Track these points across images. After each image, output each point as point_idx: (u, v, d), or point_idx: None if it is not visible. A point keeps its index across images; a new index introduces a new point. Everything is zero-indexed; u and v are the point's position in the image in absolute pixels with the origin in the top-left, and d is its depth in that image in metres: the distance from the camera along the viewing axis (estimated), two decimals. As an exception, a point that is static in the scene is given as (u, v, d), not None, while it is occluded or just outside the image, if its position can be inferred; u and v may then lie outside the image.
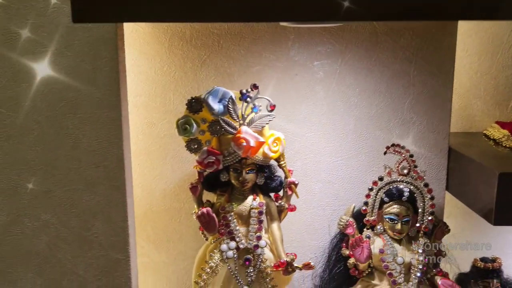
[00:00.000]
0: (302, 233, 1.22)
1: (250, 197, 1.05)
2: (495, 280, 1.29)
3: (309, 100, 1.17)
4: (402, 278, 1.05)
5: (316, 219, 1.22)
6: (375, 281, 1.09)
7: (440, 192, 1.19)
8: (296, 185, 1.07)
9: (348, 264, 1.10)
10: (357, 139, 1.18)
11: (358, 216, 1.12)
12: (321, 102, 1.17)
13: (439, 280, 1.07)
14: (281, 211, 1.08)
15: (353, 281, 1.12)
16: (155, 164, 1.20)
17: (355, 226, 1.10)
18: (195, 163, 1.05)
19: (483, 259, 1.27)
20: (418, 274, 1.05)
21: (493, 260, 1.26)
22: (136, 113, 1.16)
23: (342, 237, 1.14)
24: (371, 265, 1.09)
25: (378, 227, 1.09)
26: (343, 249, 1.12)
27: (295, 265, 1.02)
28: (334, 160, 1.19)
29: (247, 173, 1.02)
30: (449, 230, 1.12)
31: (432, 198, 1.07)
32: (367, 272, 1.10)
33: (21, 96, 0.97)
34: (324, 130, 1.18)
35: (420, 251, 1.06)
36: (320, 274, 1.18)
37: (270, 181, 1.05)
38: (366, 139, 1.18)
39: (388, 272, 1.05)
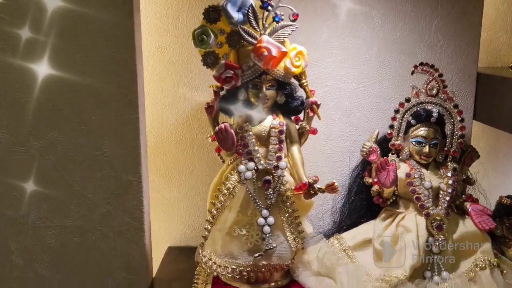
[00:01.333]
0: (321, 166, 1.16)
1: (270, 117, 0.98)
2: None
3: (330, 22, 1.10)
4: (431, 203, 0.99)
5: (336, 151, 1.16)
6: (400, 209, 1.03)
7: (468, 121, 1.13)
8: (318, 105, 1.01)
9: (371, 191, 1.04)
10: (381, 65, 1.12)
11: (382, 143, 1.06)
12: (342, 25, 1.10)
13: (469, 206, 1.01)
14: (302, 134, 1.02)
15: (376, 212, 1.06)
16: (167, 92, 1.14)
17: (379, 152, 1.04)
18: (210, 87, 0.99)
19: (509, 196, 1.21)
20: (447, 198, 0.99)
21: (520, 197, 1.20)
22: (146, 37, 1.09)
23: (363, 167, 1.09)
24: (396, 193, 1.03)
25: (404, 152, 1.03)
26: (365, 177, 1.06)
27: (318, 186, 0.96)
28: (355, 87, 1.13)
29: (268, 89, 0.96)
30: (478, 156, 1.07)
31: (462, 121, 1.01)
32: (391, 201, 1.04)
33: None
34: (345, 54, 1.12)
35: (449, 175, 1.00)
36: (340, 208, 1.12)
37: (291, 100, 0.99)
38: (390, 64, 1.12)
39: (415, 196, 0.99)
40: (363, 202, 1.09)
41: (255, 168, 0.96)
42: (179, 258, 1.15)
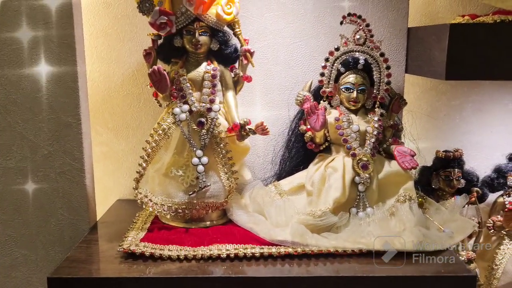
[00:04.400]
0: (261, 118, 1.20)
1: (204, 63, 1.04)
2: (456, 170, 1.29)
3: (267, -23, 1.16)
4: (357, 144, 1.04)
5: (275, 103, 1.21)
6: (333, 155, 1.08)
7: (400, 75, 1.19)
8: (251, 53, 1.06)
9: (305, 138, 1.09)
10: (316, 20, 1.17)
11: (316, 93, 1.11)
12: (279, -20, 1.16)
13: (394, 148, 1.06)
14: (237, 82, 1.07)
15: (312, 158, 1.11)
16: (112, 47, 1.19)
17: (312, 100, 1.09)
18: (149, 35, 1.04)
19: (445, 151, 1.27)
20: (373, 140, 1.04)
21: (455, 151, 1.27)
22: (91, -8, 1.14)
23: (300, 118, 1.14)
24: (328, 138, 1.09)
25: (335, 99, 1.09)
26: (301, 126, 1.11)
27: (249, 127, 1.01)
28: (293, 42, 1.18)
29: (200, 34, 1.01)
30: (405, 103, 1.12)
31: (388, 68, 1.07)
32: (324, 147, 1.10)
33: None
34: (282, 10, 1.17)
35: (376, 119, 1.06)
36: (280, 158, 1.17)
37: (224, 47, 1.04)
38: (325, 19, 1.17)
39: (343, 138, 1.05)
40: (300, 151, 1.14)
41: (189, 110, 1.01)
42: (126, 207, 1.20)
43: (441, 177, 1.29)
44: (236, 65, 1.08)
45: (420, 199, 1.06)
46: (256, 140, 1.18)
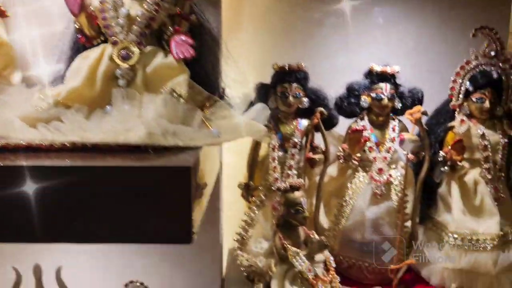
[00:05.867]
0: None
1: None
2: (293, 85, 1.09)
3: None
4: (120, 30, 0.84)
5: None
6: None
7: None
8: None
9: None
10: None
11: None
12: None
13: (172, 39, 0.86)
14: None
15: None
16: None
17: None
18: None
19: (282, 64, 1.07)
20: (140, 26, 0.84)
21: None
22: None
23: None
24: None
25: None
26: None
27: None
28: None
29: None
30: None
31: None
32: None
33: None
34: None
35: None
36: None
37: None
38: None
39: (104, 24, 0.84)
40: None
41: None
42: None
43: (278, 95, 1.09)
44: None
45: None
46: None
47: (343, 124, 1.15)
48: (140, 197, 0.64)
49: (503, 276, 1.05)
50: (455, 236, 1.07)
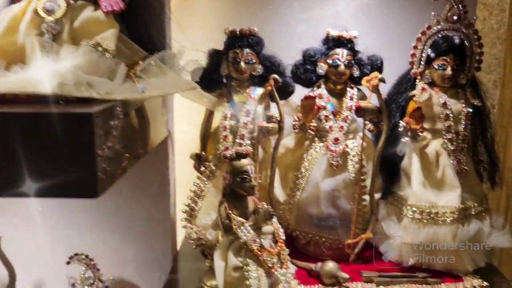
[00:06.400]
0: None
1: None
2: (245, 50, 1.05)
3: None
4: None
5: None
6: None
7: None
8: None
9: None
10: None
11: None
12: None
13: None
14: None
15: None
16: None
17: None
18: None
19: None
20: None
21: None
22: None
23: None
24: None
25: None
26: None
27: None
28: None
29: None
30: None
31: None
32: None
33: None
34: None
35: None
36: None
37: None
38: None
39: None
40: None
41: None
42: None
43: (229, 61, 1.04)
44: None
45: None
46: None
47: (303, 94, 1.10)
48: (43, 147, 0.60)
49: (463, 251, 1.00)
50: (414, 209, 1.02)
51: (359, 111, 1.01)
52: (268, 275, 0.91)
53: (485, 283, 0.99)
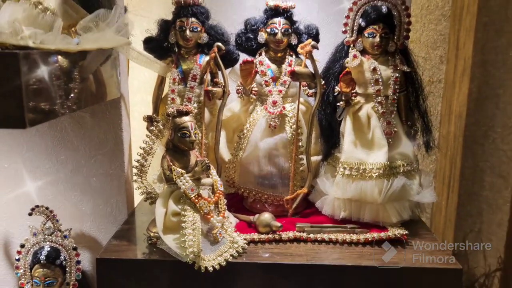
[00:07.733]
0: None
1: None
2: (190, 19, 1.14)
3: None
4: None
5: None
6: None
7: None
8: None
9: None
10: None
11: None
12: None
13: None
14: None
15: None
16: None
17: None
18: None
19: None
20: None
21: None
22: None
23: None
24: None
25: None
26: None
27: None
28: None
29: None
30: None
31: None
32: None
33: None
34: None
35: None
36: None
37: None
38: None
39: None
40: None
41: None
42: None
43: (176, 29, 1.14)
44: None
45: None
46: None
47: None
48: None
49: (388, 204, 1.08)
50: (345, 166, 1.10)
51: (294, 75, 1.10)
52: (205, 221, 1.00)
53: (406, 232, 1.06)
